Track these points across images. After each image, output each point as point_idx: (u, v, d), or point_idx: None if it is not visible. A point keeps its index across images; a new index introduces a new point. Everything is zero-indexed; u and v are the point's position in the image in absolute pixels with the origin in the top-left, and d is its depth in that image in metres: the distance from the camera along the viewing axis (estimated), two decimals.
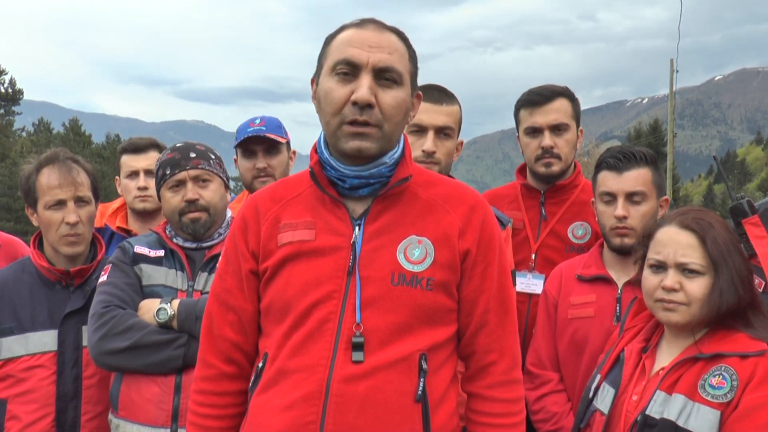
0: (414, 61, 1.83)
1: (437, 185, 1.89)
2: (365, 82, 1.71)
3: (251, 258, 1.86)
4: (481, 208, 1.87)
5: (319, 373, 1.69)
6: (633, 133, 49.02)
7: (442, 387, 1.78)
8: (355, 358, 1.69)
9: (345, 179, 1.79)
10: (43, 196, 2.55)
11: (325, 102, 1.75)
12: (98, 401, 2.53)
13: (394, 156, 1.81)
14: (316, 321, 1.73)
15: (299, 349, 1.73)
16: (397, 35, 1.79)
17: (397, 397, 1.69)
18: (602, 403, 2.11)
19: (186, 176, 2.52)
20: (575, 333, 2.58)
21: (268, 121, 3.23)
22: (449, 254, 1.78)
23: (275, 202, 1.89)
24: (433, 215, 1.82)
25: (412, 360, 1.72)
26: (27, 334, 2.50)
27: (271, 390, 1.75)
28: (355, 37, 1.75)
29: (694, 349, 1.98)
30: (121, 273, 2.46)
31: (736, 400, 1.85)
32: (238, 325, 1.88)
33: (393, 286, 1.73)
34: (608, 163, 2.56)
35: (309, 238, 1.79)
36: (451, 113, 2.63)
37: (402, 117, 1.79)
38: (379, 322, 1.71)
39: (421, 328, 1.74)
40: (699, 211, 2.07)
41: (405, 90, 1.78)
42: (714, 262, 1.97)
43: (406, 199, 1.83)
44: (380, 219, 1.80)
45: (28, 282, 2.58)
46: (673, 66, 31.05)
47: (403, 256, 1.76)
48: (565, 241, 2.96)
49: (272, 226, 1.85)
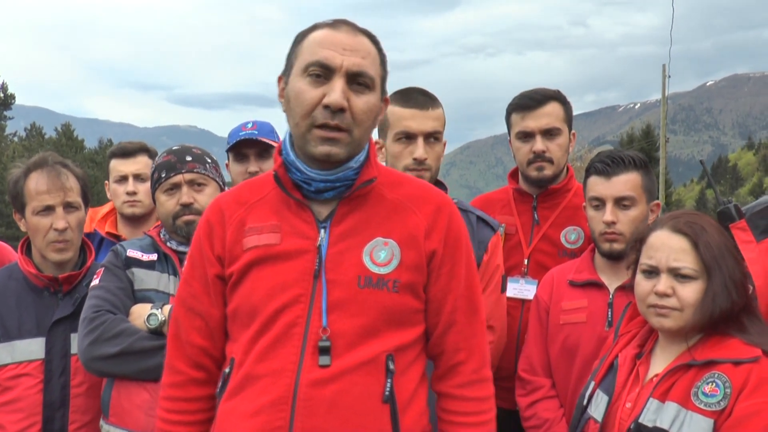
0: (384, 65, 1.83)
1: (403, 186, 1.89)
2: (338, 86, 1.70)
3: (217, 262, 1.85)
4: (447, 208, 1.87)
5: (287, 377, 1.70)
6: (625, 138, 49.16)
7: (410, 387, 1.78)
8: (322, 362, 1.69)
9: (311, 182, 1.78)
10: (31, 202, 2.53)
11: (295, 103, 1.74)
12: (86, 410, 2.50)
13: (360, 159, 1.81)
14: (283, 325, 1.73)
15: (266, 353, 1.73)
16: (369, 38, 1.79)
17: (364, 399, 1.70)
18: (596, 410, 2.09)
19: (181, 180, 2.51)
20: (567, 338, 2.57)
21: (260, 126, 3.22)
22: (415, 255, 1.79)
23: (240, 205, 1.88)
24: (399, 216, 1.82)
25: (379, 361, 1.72)
26: (13, 342, 2.47)
27: (239, 395, 1.75)
28: (329, 38, 1.73)
29: (687, 356, 1.96)
30: (113, 277, 2.44)
31: (730, 407, 1.82)
32: (206, 330, 1.87)
33: (359, 288, 1.74)
34: (596, 168, 2.56)
35: (274, 242, 1.79)
36: (438, 117, 2.63)
37: (371, 122, 1.79)
38: (346, 325, 1.72)
39: (387, 329, 1.75)
40: (692, 215, 2.06)
41: (376, 95, 1.78)
42: (707, 266, 1.95)
43: (371, 200, 1.83)
44: (346, 221, 1.80)
45: (15, 288, 2.55)
46: (666, 71, 31.20)
47: (369, 259, 1.76)
48: (557, 246, 2.95)
49: (237, 229, 1.84)
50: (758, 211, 2.34)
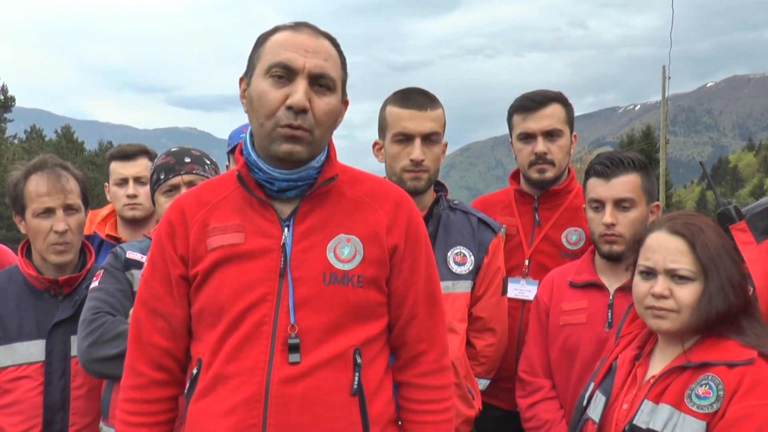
0: (345, 68, 1.86)
1: (362, 183, 1.92)
2: (301, 87, 1.72)
3: (180, 263, 1.86)
4: (406, 203, 1.92)
5: (258, 376, 1.72)
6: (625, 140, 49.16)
7: (376, 378, 1.82)
8: (292, 359, 1.72)
9: (274, 182, 1.80)
10: (31, 204, 2.53)
11: (258, 104, 1.76)
12: (86, 412, 2.50)
13: (321, 159, 1.84)
14: (251, 324, 1.75)
15: (236, 353, 1.75)
16: (330, 41, 1.82)
17: (334, 393, 1.74)
18: (594, 411, 2.08)
19: (180, 181, 2.51)
20: (567, 339, 2.57)
21: None
22: (378, 251, 1.82)
23: (202, 205, 1.89)
24: (361, 213, 1.85)
25: (347, 356, 1.76)
26: (13, 344, 2.47)
27: (210, 396, 1.76)
28: (291, 40, 1.76)
29: (682, 358, 1.95)
30: (112, 279, 2.44)
31: (722, 410, 1.81)
32: (168, 331, 1.88)
33: (325, 285, 1.77)
34: (596, 170, 2.55)
35: (239, 242, 1.80)
36: (437, 118, 2.61)
37: (332, 123, 1.82)
38: (313, 322, 1.75)
39: (354, 324, 1.78)
40: (689, 216, 2.05)
41: (337, 96, 1.81)
42: (704, 267, 1.94)
43: (333, 198, 1.86)
44: (308, 219, 1.82)
45: (15, 291, 2.55)
46: (665, 73, 31.20)
47: (333, 255, 1.79)
48: (558, 247, 2.94)
49: (200, 230, 1.85)
50: (758, 212, 2.33)
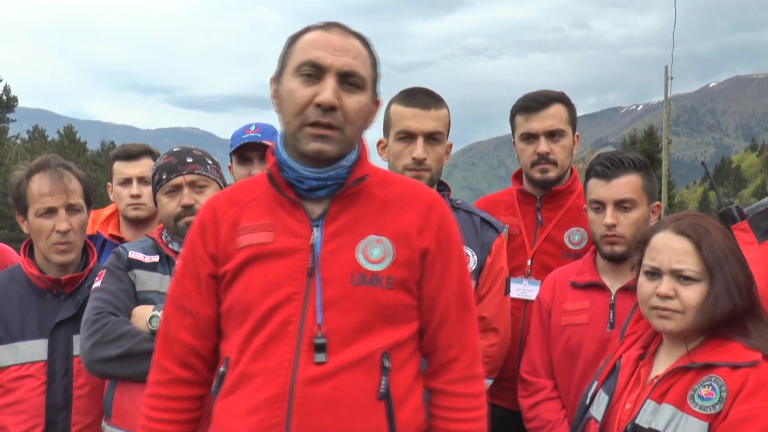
0: (376, 67, 1.85)
1: (394, 184, 1.91)
2: (330, 85, 1.72)
3: (210, 261, 1.86)
4: (439, 206, 1.89)
5: (283, 375, 1.71)
6: (628, 140, 49.15)
7: (405, 384, 1.79)
8: (318, 359, 1.70)
9: (304, 180, 1.79)
10: (34, 204, 2.52)
11: (287, 102, 1.76)
12: (88, 411, 2.49)
13: (351, 158, 1.83)
14: (278, 323, 1.74)
15: (261, 352, 1.74)
16: (360, 41, 1.81)
17: (360, 396, 1.71)
18: (597, 410, 2.08)
19: (182, 181, 2.50)
20: (569, 340, 2.56)
21: (263, 128, 3.21)
22: (408, 252, 1.80)
23: (233, 205, 1.89)
24: (391, 214, 1.83)
25: (374, 359, 1.73)
26: (16, 343, 2.47)
27: (235, 394, 1.76)
28: (321, 39, 1.76)
29: (686, 359, 1.95)
30: (115, 279, 2.44)
31: (725, 411, 1.80)
32: (195, 329, 1.88)
33: (353, 286, 1.75)
34: (596, 170, 2.55)
35: (268, 241, 1.80)
36: (440, 117, 2.61)
37: (362, 121, 1.81)
38: (341, 322, 1.73)
39: (382, 326, 1.76)
40: (695, 216, 2.04)
41: (367, 95, 1.80)
42: (709, 268, 1.93)
43: (363, 198, 1.84)
44: (338, 219, 1.81)
45: (17, 291, 2.55)
46: (668, 73, 31.15)
47: (362, 256, 1.77)
48: (561, 247, 2.94)
49: (231, 229, 1.85)
50: (760, 212, 2.33)
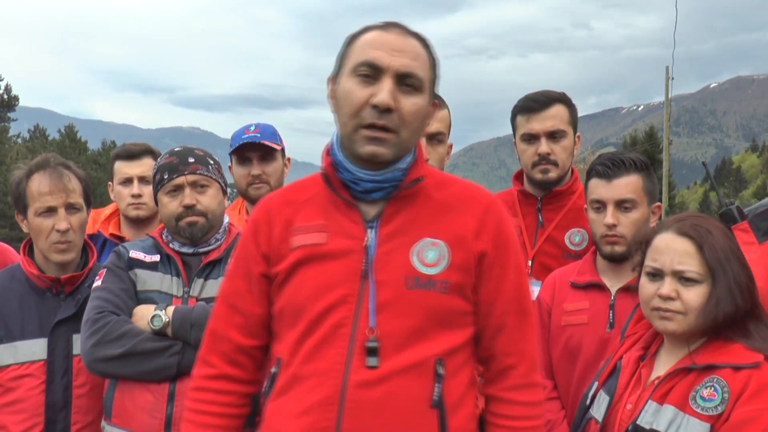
0: (435, 68, 1.81)
1: (450, 186, 1.87)
2: (386, 86, 1.69)
3: (263, 261, 1.85)
4: (496, 208, 1.85)
5: (334, 378, 1.69)
6: (629, 141, 49.14)
7: (458, 391, 1.76)
8: (370, 363, 1.68)
9: (359, 182, 1.77)
10: (34, 203, 2.52)
11: (343, 103, 1.74)
12: (88, 411, 2.49)
13: (408, 161, 1.80)
14: (330, 325, 1.72)
15: (313, 354, 1.72)
16: (420, 41, 1.78)
17: (412, 403, 1.69)
18: (597, 411, 2.08)
19: (184, 181, 2.49)
20: (569, 340, 2.56)
21: (263, 128, 3.21)
22: (464, 256, 1.77)
23: (287, 204, 1.87)
24: (447, 216, 1.80)
25: (428, 365, 1.71)
26: (15, 342, 2.47)
27: (286, 395, 1.75)
28: (379, 39, 1.74)
29: (687, 360, 1.94)
30: (116, 278, 2.43)
31: (727, 413, 1.80)
32: (245, 328, 1.87)
33: (407, 289, 1.72)
34: (597, 170, 2.54)
35: (321, 242, 1.78)
36: (442, 119, 2.62)
37: (419, 124, 1.78)
38: (394, 326, 1.70)
39: (436, 331, 1.73)
40: (697, 218, 2.03)
41: (424, 97, 1.76)
42: (712, 270, 1.93)
43: (419, 200, 1.82)
44: (394, 221, 1.78)
45: (17, 290, 2.55)
46: (669, 73, 31.13)
47: (417, 259, 1.74)
48: (562, 248, 2.94)
49: (284, 229, 1.83)
50: (760, 212, 2.33)
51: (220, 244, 2.54)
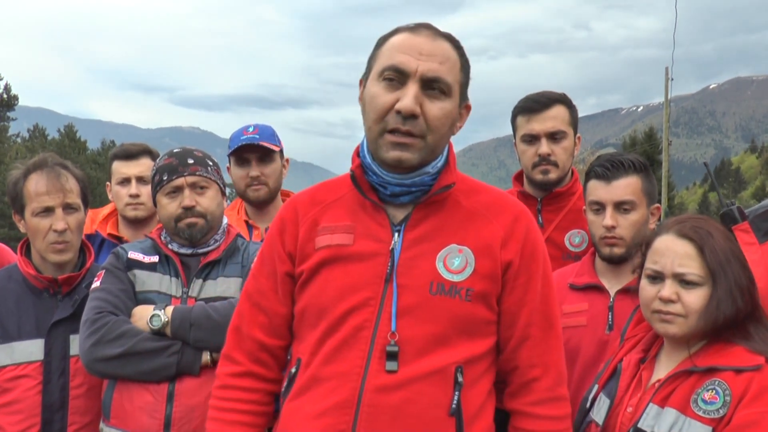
0: (466, 71, 1.79)
1: (480, 193, 1.86)
2: (411, 91, 1.67)
3: (288, 260, 1.85)
4: (525, 218, 1.84)
5: (353, 381, 1.68)
6: (628, 141, 49.16)
7: (478, 401, 1.74)
8: (389, 367, 1.67)
9: (387, 186, 1.76)
10: (31, 203, 2.51)
11: (369, 107, 1.72)
12: (85, 411, 2.48)
13: (437, 165, 1.78)
14: (351, 328, 1.71)
15: (333, 356, 1.71)
16: (451, 43, 1.75)
17: (430, 410, 1.67)
18: (598, 414, 2.07)
19: (183, 183, 2.49)
20: (567, 342, 2.54)
21: (261, 129, 3.21)
22: (490, 264, 1.75)
23: (315, 204, 1.87)
24: (475, 224, 1.79)
25: (448, 372, 1.69)
26: (12, 343, 2.46)
27: (304, 396, 1.74)
28: (407, 42, 1.71)
29: (689, 362, 1.93)
30: (114, 279, 2.43)
31: (729, 415, 1.78)
32: (269, 327, 1.87)
33: (431, 295, 1.71)
34: (596, 172, 2.54)
35: (347, 243, 1.77)
36: None
37: (447, 128, 1.75)
38: (416, 331, 1.69)
39: (458, 339, 1.71)
40: (698, 219, 2.02)
41: (453, 101, 1.74)
42: (712, 272, 1.91)
43: (447, 206, 1.80)
44: (421, 226, 1.77)
45: (14, 290, 2.54)
46: (668, 74, 31.15)
47: (442, 265, 1.73)
48: (562, 249, 2.93)
49: (310, 228, 1.83)
50: (761, 213, 2.33)
51: (218, 244, 2.54)
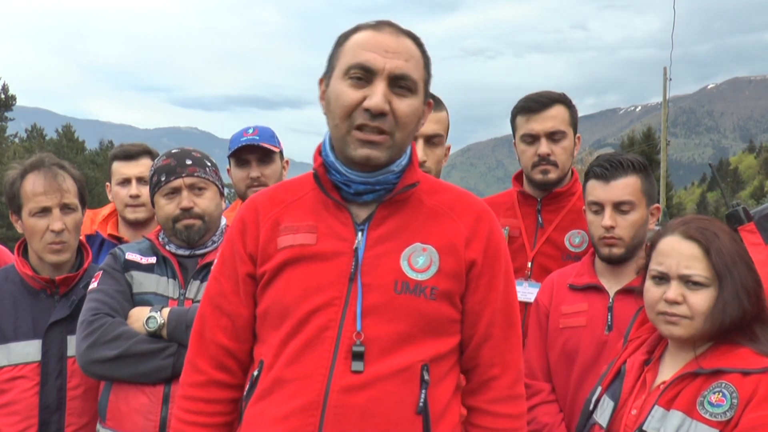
0: (428, 68, 1.79)
1: (443, 193, 1.85)
2: (380, 89, 1.66)
3: (249, 261, 1.82)
4: (488, 217, 1.84)
5: (318, 382, 1.65)
6: (626, 141, 49.22)
7: (444, 399, 1.73)
8: (355, 367, 1.65)
9: (350, 184, 1.75)
10: (28, 203, 2.50)
11: (335, 105, 1.70)
12: (82, 413, 2.47)
13: (402, 163, 1.77)
14: (315, 328, 1.69)
15: (297, 357, 1.69)
16: (413, 40, 1.75)
17: (397, 409, 1.65)
18: (601, 416, 2.06)
19: (181, 184, 2.48)
20: (567, 342, 2.55)
21: (261, 131, 3.20)
22: (455, 263, 1.74)
23: (276, 204, 1.84)
24: (439, 223, 1.78)
25: (414, 371, 1.68)
26: (9, 344, 2.45)
27: (267, 399, 1.71)
28: (372, 40, 1.70)
29: (694, 364, 1.92)
30: (111, 280, 2.42)
31: (736, 418, 1.77)
32: (232, 331, 1.83)
33: (396, 294, 1.69)
34: (595, 172, 2.53)
35: (310, 242, 1.75)
36: (440, 120, 2.60)
37: (414, 125, 1.75)
38: (381, 330, 1.67)
39: (423, 338, 1.70)
40: (703, 220, 2.01)
41: (419, 98, 1.74)
42: (718, 273, 1.90)
43: (411, 205, 1.79)
44: (384, 225, 1.76)
45: (11, 291, 2.53)
46: (667, 74, 31.19)
47: (407, 264, 1.72)
48: (561, 250, 2.92)
49: (272, 228, 1.80)
50: (767, 214, 2.32)
51: (216, 246, 2.53)
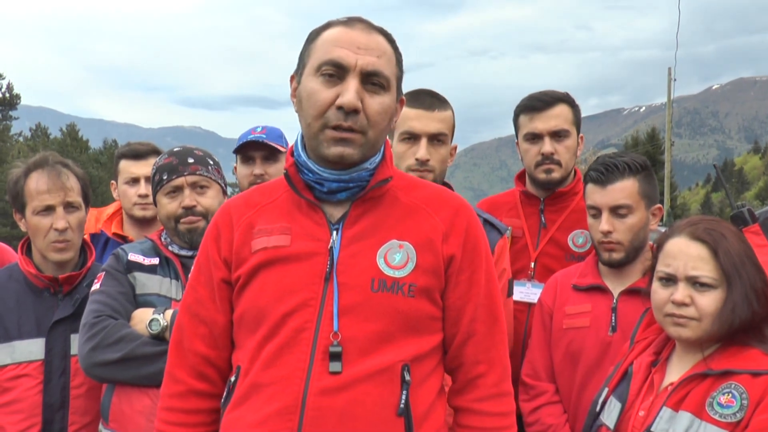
0: (400, 64, 1.76)
1: (418, 189, 1.83)
2: (352, 86, 1.63)
3: (223, 266, 1.79)
4: (465, 212, 1.80)
5: (295, 385, 1.62)
6: (630, 142, 49.09)
7: (427, 400, 1.70)
8: (333, 368, 1.61)
9: (323, 183, 1.72)
10: (32, 202, 2.50)
11: (307, 103, 1.68)
12: (86, 411, 2.47)
13: (376, 161, 1.75)
14: (291, 330, 1.65)
15: (273, 360, 1.65)
16: (384, 37, 1.72)
17: (378, 411, 1.61)
18: (608, 417, 2.04)
19: (183, 182, 2.47)
20: (570, 343, 2.54)
21: (269, 130, 3.20)
22: (432, 259, 1.71)
23: (249, 207, 1.82)
24: (415, 219, 1.75)
25: (394, 371, 1.64)
26: (13, 342, 2.45)
27: (245, 405, 1.67)
28: (344, 36, 1.67)
29: (703, 365, 1.90)
30: (114, 281, 2.40)
31: (746, 420, 1.76)
32: (210, 339, 1.80)
33: (373, 292, 1.66)
34: (591, 176, 2.51)
35: (284, 244, 1.72)
36: (444, 119, 2.59)
37: (386, 123, 1.72)
38: (358, 330, 1.63)
39: (403, 337, 1.66)
40: (711, 221, 1.99)
41: (391, 95, 1.71)
42: (726, 275, 1.89)
43: (386, 202, 1.76)
44: (359, 223, 1.73)
45: (15, 289, 2.52)
46: (671, 75, 31.10)
47: (383, 261, 1.68)
48: (565, 250, 2.91)
49: (246, 232, 1.77)
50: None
51: None
